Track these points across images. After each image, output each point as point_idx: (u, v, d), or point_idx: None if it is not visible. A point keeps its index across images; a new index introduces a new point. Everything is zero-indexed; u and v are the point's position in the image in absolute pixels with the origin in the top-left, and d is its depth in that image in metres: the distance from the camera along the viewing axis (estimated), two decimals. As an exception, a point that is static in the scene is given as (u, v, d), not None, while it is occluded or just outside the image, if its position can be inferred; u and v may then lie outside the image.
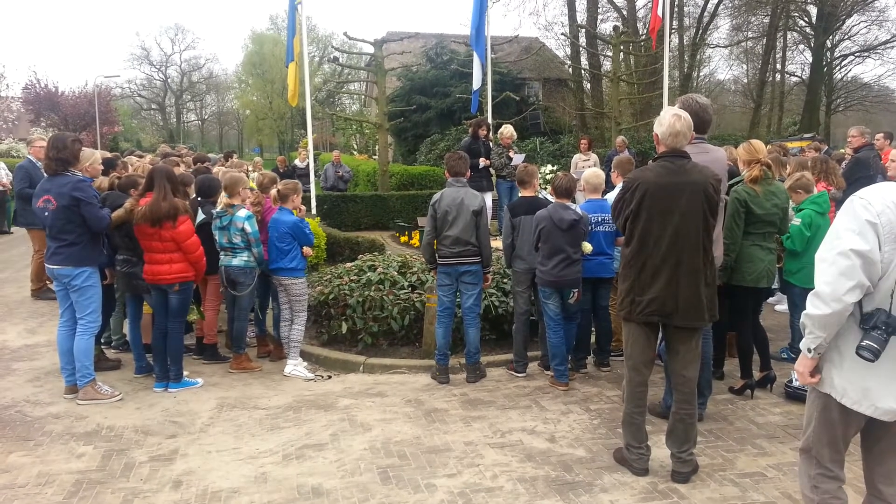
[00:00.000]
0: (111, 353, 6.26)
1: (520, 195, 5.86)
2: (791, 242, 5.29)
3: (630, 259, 3.78)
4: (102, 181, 6.01)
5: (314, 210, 12.03)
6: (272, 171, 8.56)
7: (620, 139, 14.25)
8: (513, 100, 18.92)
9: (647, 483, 3.84)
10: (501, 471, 4.02)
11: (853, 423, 2.67)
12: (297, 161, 16.16)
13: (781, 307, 7.46)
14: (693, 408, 3.83)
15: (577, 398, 5.24)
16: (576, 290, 5.35)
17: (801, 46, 32.42)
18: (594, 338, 5.95)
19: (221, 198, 5.96)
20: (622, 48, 20.44)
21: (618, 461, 4.07)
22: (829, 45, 30.41)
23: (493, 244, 5.92)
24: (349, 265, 7.08)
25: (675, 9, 25.94)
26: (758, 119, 30.55)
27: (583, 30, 24.91)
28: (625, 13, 27.88)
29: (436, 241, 5.61)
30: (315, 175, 13.69)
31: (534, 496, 3.72)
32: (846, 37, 30.87)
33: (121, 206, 5.39)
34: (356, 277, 6.63)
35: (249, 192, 6.09)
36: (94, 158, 5.89)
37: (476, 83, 13.18)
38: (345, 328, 6.29)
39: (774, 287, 5.86)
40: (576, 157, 13.63)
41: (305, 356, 6.13)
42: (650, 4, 16.98)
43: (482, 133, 10.33)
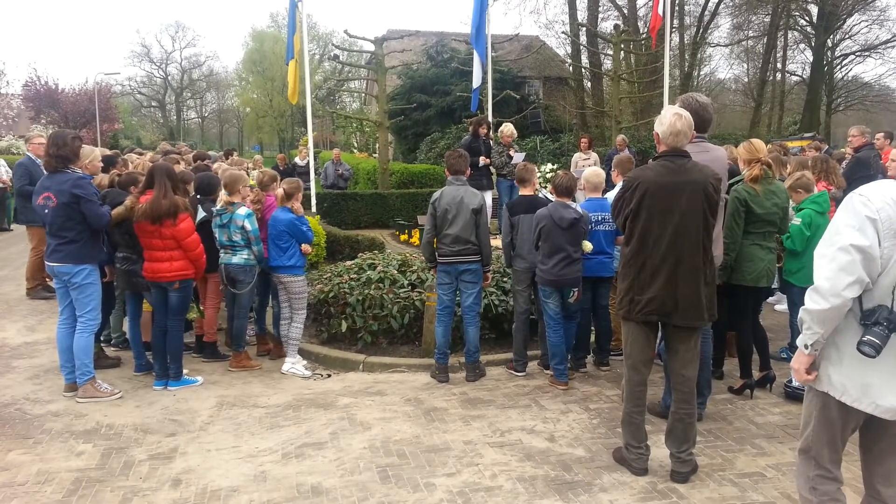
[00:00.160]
0: (111, 351, 6.26)
1: (519, 194, 5.86)
2: (791, 242, 5.28)
3: (630, 258, 3.78)
4: (102, 178, 6.00)
5: (314, 208, 12.02)
6: (272, 169, 8.55)
7: (621, 138, 14.25)
8: (513, 98, 18.91)
9: (647, 483, 3.84)
10: (501, 470, 4.02)
11: (852, 422, 2.67)
12: (298, 159, 16.18)
13: (781, 307, 7.46)
14: (692, 407, 3.83)
15: (577, 397, 5.24)
16: (576, 289, 5.35)
17: (802, 45, 32.49)
18: (594, 337, 5.95)
19: (221, 195, 5.96)
20: (623, 47, 20.44)
21: (617, 461, 4.07)
22: (830, 45, 30.43)
23: (494, 243, 5.91)
24: (349, 263, 7.08)
25: (676, 8, 25.95)
26: (758, 118, 30.55)
27: (583, 28, 24.89)
28: (626, 12, 27.87)
29: (436, 240, 5.61)
30: (315, 173, 13.69)
31: (533, 495, 3.72)
32: (847, 36, 30.93)
33: (121, 204, 5.38)
34: (356, 276, 6.63)
35: (249, 191, 6.09)
36: (94, 156, 5.90)
37: (476, 81, 13.16)
38: (344, 326, 6.29)
39: (774, 287, 5.86)
40: (576, 156, 13.63)
41: (305, 354, 6.13)
42: (651, 3, 16.97)
43: (482, 131, 10.33)
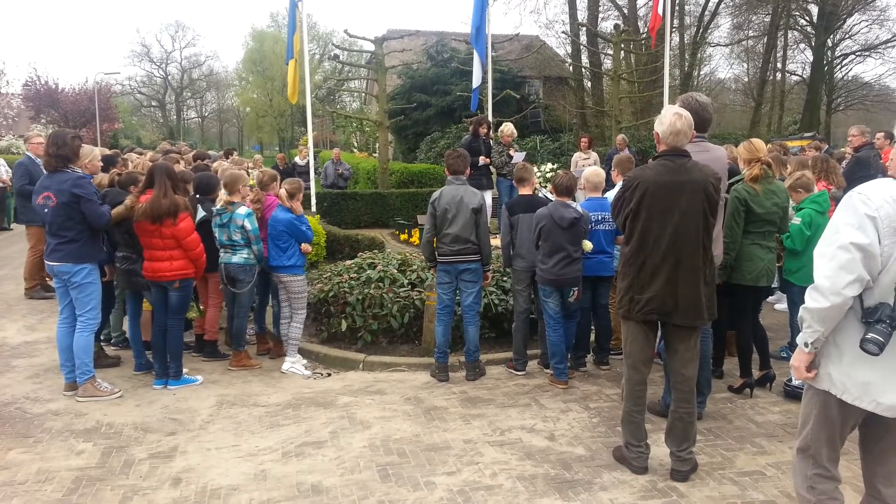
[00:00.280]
0: (111, 350, 6.26)
1: (518, 193, 5.86)
2: (791, 241, 5.28)
3: (630, 257, 3.78)
4: (102, 178, 6.00)
5: (314, 208, 12.02)
6: (272, 169, 8.55)
7: (621, 137, 14.24)
8: (513, 98, 18.92)
9: (647, 481, 3.84)
10: (501, 469, 4.02)
11: (851, 420, 2.66)
12: (298, 159, 16.19)
13: (781, 306, 7.46)
14: (692, 406, 3.83)
15: (577, 396, 5.24)
16: (576, 289, 5.35)
17: (802, 45, 32.49)
18: (594, 336, 5.96)
19: (221, 195, 5.96)
20: (623, 46, 20.43)
21: (617, 459, 4.07)
22: (830, 45, 30.43)
23: (494, 242, 5.91)
24: (349, 263, 7.08)
25: (676, 7, 25.94)
26: (758, 118, 30.54)
27: (583, 28, 24.88)
28: (626, 11, 27.85)
29: (435, 239, 5.62)
30: (315, 172, 13.70)
31: (533, 494, 3.72)
32: (847, 36, 30.93)
33: (121, 203, 5.38)
34: (356, 275, 6.63)
35: (249, 190, 6.09)
36: (94, 155, 5.90)
37: (476, 81, 13.15)
38: (344, 326, 6.29)
39: (774, 286, 5.86)
40: (576, 156, 13.64)
41: (305, 354, 6.13)
42: (651, 3, 16.96)
43: (482, 131, 10.33)
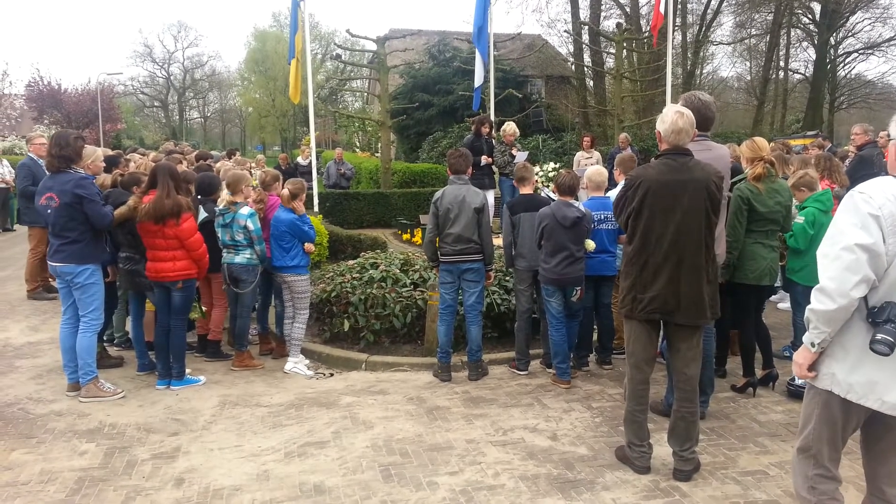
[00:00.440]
0: (114, 351, 6.26)
1: (519, 193, 5.86)
2: (794, 240, 5.27)
3: (632, 257, 3.78)
4: (105, 178, 6.01)
5: (316, 208, 12.03)
6: (274, 169, 8.56)
7: (624, 136, 14.22)
8: (515, 97, 18.90)
9: (649, 481, 3.83)
10: (503, 469, 4.02)
11: (853, 420, 2.65)
12: (300, 158, 16.21)
13: (784, 305, 7.44)
14: (695, 406, 3.82)
15: (579, 396, 5.23)
16: (579, 288, 5.34)
17: (805, 44, 32.42)
18: (596, 336, 5.95)
19: (224, 195, 5.96)
20: (625, 45, 20.41)
21: (619, 459, 4.07)
22: (833, 43, 30.35)
23: (496, 241, 5.91)
24: (351, 263, 7.08)
25: (679, 6, 25.91)
26: (761, 116, 30.47)
27: (586, 27, 24.85)
28: (628, 10, 27.83)
29: (438, 239, 5.61)
30: (318, 172, 13.70)
31: (535, 494, 3.72)
32: (850, 34, 30.88)
33: (123, 204, 5.39)
34: (358, 275, 6.62)
35: (252, 190, 6.09)
36: (97, 156, 5.91)
37: (478, 80, 13.14)
38: (347, 326, 6.29)
39: (777, 285, 5.84)
40: (578, 155, 13.63)
41: (308, 354, 6.13)
42: (653, 1, 16.93)
43: (485, 130, 10.32)
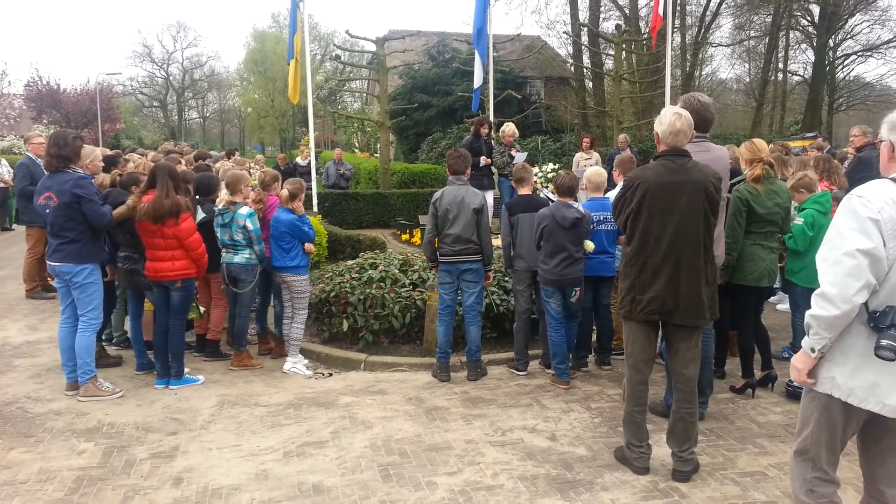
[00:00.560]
0: (112, 350, 6.26)
1: (518, 193, 5.86)
2: (793, 242, 5.27)
3: (631, 258, 3.78)
4: (104, 178, 6.01)
5: (315, 208, 12.03)
6: (273, 169, 8.56)
7: (623, 137, 14.22)
8: (514, 98, 18.91)
9: (648, 482, 3.84)
10: (502, 469, 4.02)
11: (853, 423, 2.64)
12: (299, 159, 16.22)
13: (783, 306, 7.45)
14: (694, 406, 3.83)
15: (578, 397, 5.23)
16: (578, 289, 5.34)
17: (804, 45, 32.47)
18: (595, 336, 5.95)
19: (223, 195, 5.96)
20: (624, 47, 20.43)
21: (619, 460, 4.07)
22: (832, 45, 30.39)
23: (495, 242, 5.91)
24: (350, 263, 7.08)
25: (678, 8, 25.94)
26: (760, 118, 30.51)
27: (585, 28, 24.87)
28: (627, 12, 27.86)
29: (437, 240, 5.62)
30: (317, 173, 13.70)
31: (534, 494, 3.72)
32: (848, 36, 30.90)
33: (122, 204, 5.39)
34: (357, 275, 6.63)
35: (251, 190, 6.09)
36: (95, 155, 5.91)
37: (478, 81, 13.15)
38: (346, 326, 6.29)
39: (776, 286, 5.85)
40: (577, 156, 13.64)
41: (307, 354, 6.13)
42: (652, 3, 16.95)
43: (484, 131, 10.32)
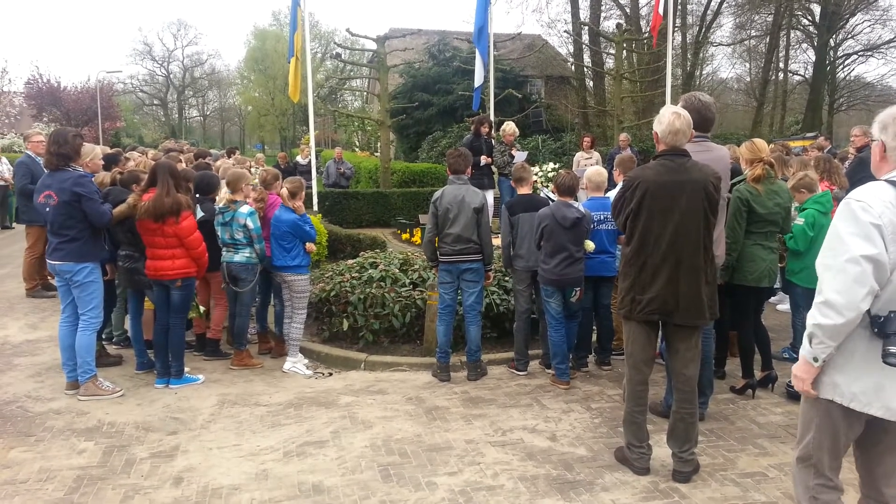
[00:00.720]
0: (112, 349, 6.26)
1: (518, 193, 5.86)
2: (794, 242, 5.27)
3: (630, 258, 3.77)
4: (104, 176, 6.01)
5: (316, 207, 12.03)
6: (273, 168, 8.55)
7: (624, 136, 14.21)
8: (515, 97, 18.90)
9: (648, 482, 3.83)
10: (502, 469, 4.02)
11: (855, 427, 2.62)
12: (300, 157, 16.21)
13: (783, 307, 7.45)
14: (694, 407, 3.82)
15: (579, 397, 5.23)
16: (578, 289, 5.34)
17: (805, 45, 32.43)
18: (595, 336, 5.95)
19: (224, 194, 5.95)
20: (625, 46, 20.40)
21: (619, 460, 4.07)
22: (833, 44, 30.35)
23: (495, 241, 5.91)
24: (350, 262, 7.08)
25: (679, 7, 25.91)
26: (760, 118, 30.48)
27: (586, 27, 24.86)
28: (628, 11, 27.85)
29: (437, 239, 5.61)
30: (317, 172, 13.69)
31: (535, 495, 3.71)
32: (849, 36, 30.87)
33: (122, 202, 5.38)
34: (357, 274, 6.62)
35: (252, 189, 6.08)
36: (95, 154, 5.92)
37: (478, 80, 13.13)
38: (346, 325, 6.28)
39: (776, 286, 5.85)
40: (578, 155, 13.63)
41: (307, 353, 6.13)
42: (653, 2, 16.93)
43: (484, 130, 10.32)
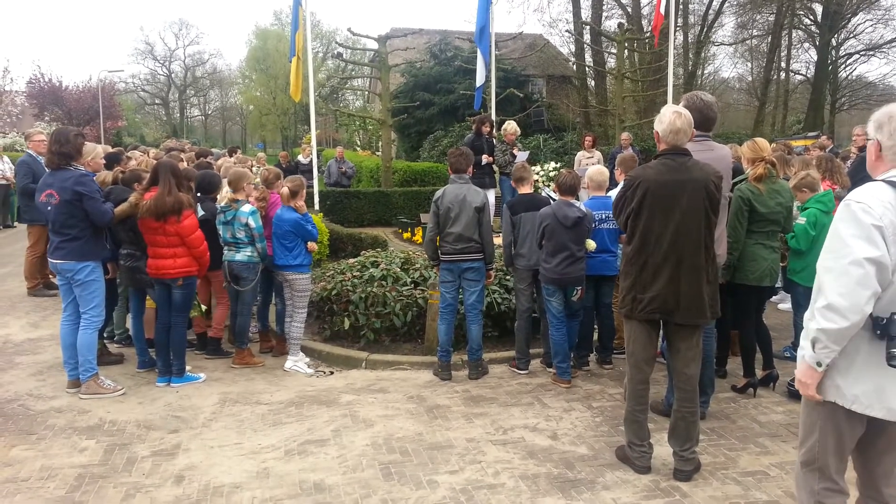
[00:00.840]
0: (114, 348, 6.27)
1: (519, 192, 5.86)
2: (796, 241, 5.26)
3: (632, 257, 3.77)
4: (106, 175, 6.01)
5: (317, 206, 12.03)
6: (275, 167, 8.56)
7: (626, 135, 14.20)
8: (516, 97, 18.88)
9: (649, 481, 3.83)
10: (503, 468, 4.02)
11: (858, 428, 2.60)
12: (301, 157, 16.22)
13: (784, 305, 7.44)
14: (695, 406, 3.82)
15: (580, 396, 5.23)
16: (579, 288, 5.34)
17: (806, 45, 32.38)
18: (597, 335, 5.95)
19: (226, 193, 5.95)
20: (626, 45, 20.37)
21: (620, 459, 4.07)
22: (835, 44, 30.29)
23: (497, 241, 5.91)
24: (352, 261, 7.08)
25: (680, 6, 25.88)
26: (762, 117, 30.44)
27: (587, 27, 24.84)
28: (629, 10, 27.82)
29: (438, 238, 5.61)
30: (318, 171, 13.69)
31: (536, 493, 3.72)
32: (851, 35, 30.78)
33: (124, 201, 5.39)
34: (359, 273, 6.62)
35: (254, 188, 6.08)
36: (97, 153, 5.92)
37: (480, 80, 13.13)
38: (347, 324, 6.29)
39: (778, 286, 5.84)
40: (579, 155, 13.62)
41: (308, 352, 6.13)
42: (655, 1, 16.93)
43: (485, 130, 10.31)
